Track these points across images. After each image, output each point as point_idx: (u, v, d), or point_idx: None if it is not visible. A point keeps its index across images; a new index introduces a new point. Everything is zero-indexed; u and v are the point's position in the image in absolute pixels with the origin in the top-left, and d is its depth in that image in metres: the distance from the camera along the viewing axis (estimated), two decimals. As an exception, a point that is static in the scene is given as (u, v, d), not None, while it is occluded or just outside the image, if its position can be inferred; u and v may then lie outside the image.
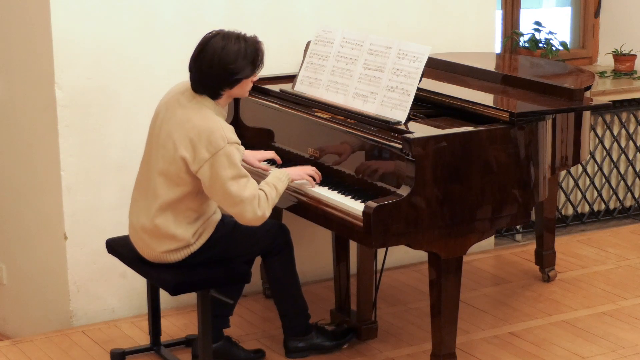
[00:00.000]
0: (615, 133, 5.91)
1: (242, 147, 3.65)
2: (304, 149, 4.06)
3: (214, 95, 3.65)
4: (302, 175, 3.83)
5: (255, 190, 3.60)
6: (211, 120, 3.58)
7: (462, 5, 5.18)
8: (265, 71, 4.66)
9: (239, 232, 3.81)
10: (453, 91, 4.14)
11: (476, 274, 5.08)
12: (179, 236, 3.68)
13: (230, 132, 3.58)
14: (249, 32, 3.68)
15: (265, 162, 4.10)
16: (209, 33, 3.66)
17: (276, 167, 4.09)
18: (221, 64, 3.58)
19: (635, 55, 6.01)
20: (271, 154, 4.09)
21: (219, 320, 3.97)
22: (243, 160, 4.03)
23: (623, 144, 5.96)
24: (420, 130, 3.70)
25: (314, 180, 3.85)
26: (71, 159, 4.35)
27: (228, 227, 3.80)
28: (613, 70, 6.02)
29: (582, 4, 6.18)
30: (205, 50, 3.60)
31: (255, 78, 3.70)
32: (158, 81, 4.35)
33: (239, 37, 3.62)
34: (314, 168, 3.87)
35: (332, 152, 3.92)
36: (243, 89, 3.69)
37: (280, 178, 3.73)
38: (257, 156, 4.07)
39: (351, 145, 3.83)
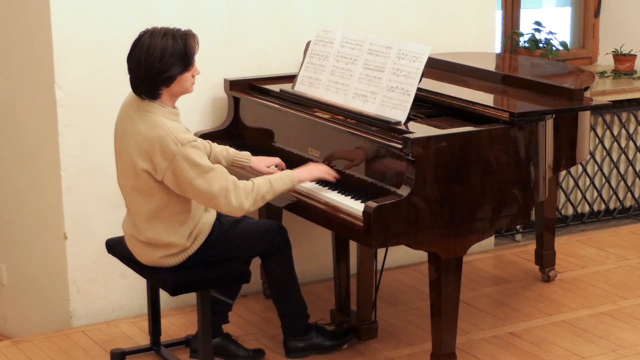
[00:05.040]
0: (615, 133, 5.91)
1: (199, 142, 3.54)
2: (304, 149, 4.06)
3: (153, 95, 3.53)
4: (314, 175, 3.77)
5: (225, 181, 3.51)
6: (158, 127, 3.49)
7: (462, 5, 5.17)
8: (265, 71, 4.70)
9: (236, 232, 3.80)
10: (453, 91, 4.14)
11: (476, 274, 5.08)
12: (175, 242, 3.66)
13: (181, 132, 3.49)
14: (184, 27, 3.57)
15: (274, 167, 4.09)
16: (142, 31, 3.54)
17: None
18: (147, 63, 3.46)
19: (635, 55, 6.01)
20: (276, 161, 4.06)
21: (217, 316, 3.96)
22: (251, 168, 4.00)
23: (623, 144, 5.96)
24: (420, 130, 3.70)
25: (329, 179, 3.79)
26: (71, 159, 4.35)
27: (225, 227, 3.79)
28: (613, 70, 6.02)
29: (582, 4, 6.18)
30: (136, 49, 3.50)
31: (195, 73, 3.56)
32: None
33: (166, 34, 3.48)
34: (326, 167, 3.80)
35: (332, 152, 3.91)
36: (182, 86, 3.54)
37: (281, 177, 3.69)
38: (265, 162, 4.03)
39: (351, 145, 3.82)
